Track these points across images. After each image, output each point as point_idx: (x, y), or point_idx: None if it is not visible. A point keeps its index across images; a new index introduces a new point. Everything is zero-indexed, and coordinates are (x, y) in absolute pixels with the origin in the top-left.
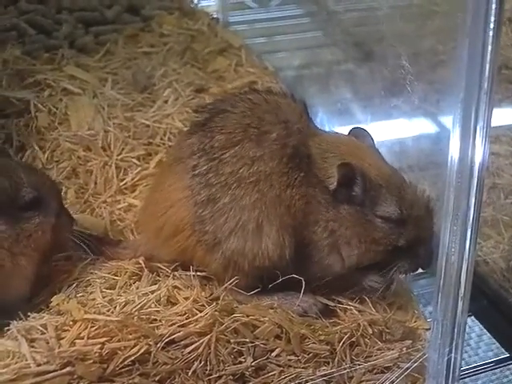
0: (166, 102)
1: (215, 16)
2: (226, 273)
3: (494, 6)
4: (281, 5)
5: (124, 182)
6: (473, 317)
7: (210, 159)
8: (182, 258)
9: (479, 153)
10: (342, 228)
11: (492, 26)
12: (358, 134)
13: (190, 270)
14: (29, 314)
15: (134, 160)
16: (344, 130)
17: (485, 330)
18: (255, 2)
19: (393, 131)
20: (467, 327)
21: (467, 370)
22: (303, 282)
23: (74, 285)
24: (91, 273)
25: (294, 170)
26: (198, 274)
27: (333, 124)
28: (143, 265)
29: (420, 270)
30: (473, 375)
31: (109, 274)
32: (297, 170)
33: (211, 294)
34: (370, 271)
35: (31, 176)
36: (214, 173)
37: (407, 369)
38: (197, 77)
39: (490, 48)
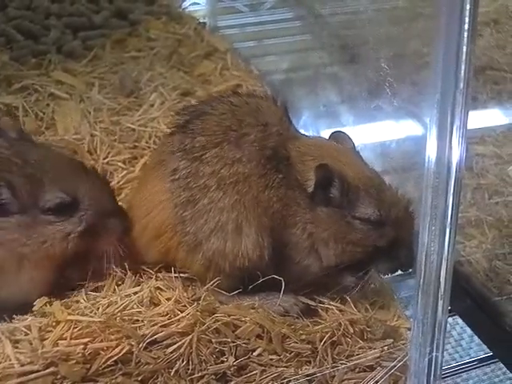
0: (152, 105)
1: (202, 20)
2: (207, 273)
3: (468, 7)
4: (271, 8)
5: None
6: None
7: (190, 160)
8: (165, 259)
9: (456, 153)
10: (320, 230)
11: (467, 26)
12: (338, 137)
13: (172, 272)
14: (13, 315)
15: (120, 163)
16: (329, 132)
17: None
18: (246, 6)
19: (376, 133)
20: (458, 328)
21: (449, 368)
22: (283, 282)
23: None
24: None
25: (272, 171)
26: (181, 275)
27: (319, 126)
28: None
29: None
30: (455, 374)
31: None
32: (275, 171)
33: (193, 295)
34: (347, 271)
35: (73, 177)
36: (194, 174)
37: (392, 368)
38: (183, 80)
39: (465, 48)
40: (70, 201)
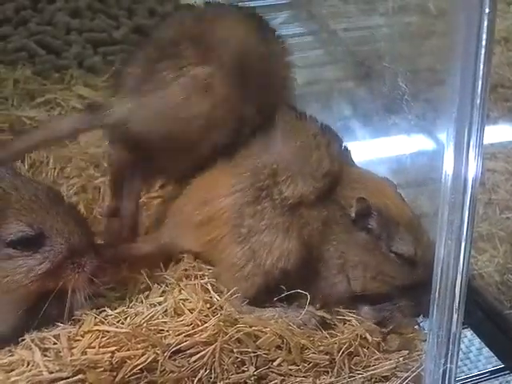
0: None
1: None
2: (245, 267)
3: (485, 24)
4: (283, 23)
5: None
6: (470, 329)
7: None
8: (204, 247)
9: (472, 169)
10: (352, 253)
11: (484, 43)
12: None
13: (195, 278)
14: None
15: None
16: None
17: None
18: None
19: (392, 148)
20: (467, 340)
21: (460, 380)
22: (308, 296)
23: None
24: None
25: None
26: (201, 281)
27: None
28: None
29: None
30: None
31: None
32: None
33: (212, 306)
34: (368, 303)
35: (42, 210)
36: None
37: (407, 378)
38: None
39: (482, 65)
40: (34, 235)
